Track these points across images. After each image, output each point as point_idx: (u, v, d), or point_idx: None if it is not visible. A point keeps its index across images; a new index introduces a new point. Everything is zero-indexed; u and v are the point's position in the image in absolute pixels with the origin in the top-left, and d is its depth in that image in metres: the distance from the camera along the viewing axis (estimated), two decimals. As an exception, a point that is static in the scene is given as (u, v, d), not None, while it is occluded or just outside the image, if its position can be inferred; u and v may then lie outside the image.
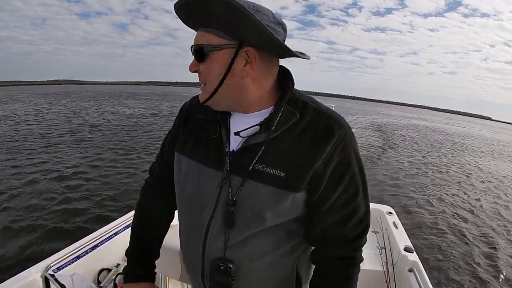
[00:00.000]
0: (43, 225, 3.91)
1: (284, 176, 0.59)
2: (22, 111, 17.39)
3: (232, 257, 0.63)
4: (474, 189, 7.80)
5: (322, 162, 0.59)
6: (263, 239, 0.63)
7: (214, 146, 0.65)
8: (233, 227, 0.62)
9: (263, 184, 0.59)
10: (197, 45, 0.59)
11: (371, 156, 10.33)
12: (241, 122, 0.65)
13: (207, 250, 0.65)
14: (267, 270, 0.67)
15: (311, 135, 0.60)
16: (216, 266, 0.63)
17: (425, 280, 1.37)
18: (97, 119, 14.77)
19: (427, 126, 31.37)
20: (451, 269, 3.75)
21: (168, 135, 0.79)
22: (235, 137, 0.64)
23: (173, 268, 1.20)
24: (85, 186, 5.36)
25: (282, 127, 0.60)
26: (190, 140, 0.69)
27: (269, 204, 0.60)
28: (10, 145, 8.20)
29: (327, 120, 0.61)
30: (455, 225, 5.21)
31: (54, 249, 1.58)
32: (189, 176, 0.67)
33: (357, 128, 18.33)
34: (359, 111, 46.16)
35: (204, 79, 0.62)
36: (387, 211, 2.10)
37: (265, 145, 0.60)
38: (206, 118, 0.68)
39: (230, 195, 0.61)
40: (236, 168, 0.61)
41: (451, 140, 20.24)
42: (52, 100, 26.19)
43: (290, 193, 0.59)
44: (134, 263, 0.79)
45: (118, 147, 8.70)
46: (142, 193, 0.84)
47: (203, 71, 0.61)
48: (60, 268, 1.32)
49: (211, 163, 0.64)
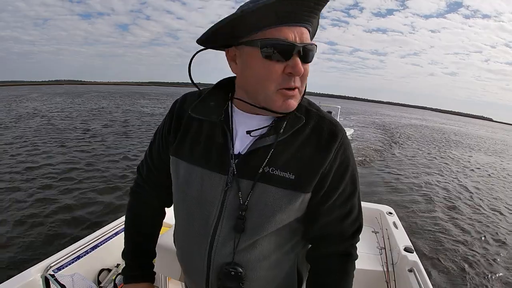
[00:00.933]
0: (43, 225, 3.91)
1: (294, 178, 0.59)
2: (45, 108, 17.97)
3: (240, 261, 0.63)
4: (474, 189, 7.79)
5: (328, 163, 0.60)
6: (270, 239, 0.64)
7: (217, 148, 0.62)
8: (243, 231, 0.61)
9: (275, 187, 0.59)
10: (313, 44, 0.56)
11: (371, 156, 10.33)
12: (247, 123, 0.63)
13: (214, 256, 0.63)
14: (273, 269, 0.67)
15: (316, 139, 0.61)
16: (226, 271, 0.62)
17: (425, 280, 1.36)
18: (123, 116, 15.26)
19: (427, 126, 31.44)
20: (451, 269, 3.75)
21: (157, 134, 0.75)
22: (241, 139, 0.63)
23: (173, 268, 1.20)
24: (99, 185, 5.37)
25: (289, 130, 0.61)
26: (187, 142, 0.66)
27: (281, 206, 0.60)
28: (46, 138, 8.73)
29: (329, 125, 0.63)
30: (455, 225, 5.21)
31: (54, 249, 1.58)
32: (190, 181, 0.64)
33: (361, 126, 18.45)
34: (360, 111, 46.32)
35: (301, 82, 0.58)
36: (387, 211, 2.10)
37: (274, 147, 0.60)
38: (205, 119, 0.64)
39: (241, 199, 0.60)
40: (245, 172, 0.60)
41: (452, 139, 20.26)
42: (66, 99, 26.75)
43: (301, 195, 0.60)
44: (132, 264, 0.78)
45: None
46: (131, 193, 0.82)
47: (306, 73, 0.57)
48: (60, 268, 1.32)
49: (214, 166, 0.62)
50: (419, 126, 30.00)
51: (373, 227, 1.99)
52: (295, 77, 0.55)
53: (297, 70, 0.54)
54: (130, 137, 10.72)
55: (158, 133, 0.75)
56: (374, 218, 2.02)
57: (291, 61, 0.54)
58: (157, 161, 0.75)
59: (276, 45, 0.53)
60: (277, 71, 0.55)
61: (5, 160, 6.76)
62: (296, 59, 0.54)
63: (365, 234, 1.88)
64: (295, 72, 0.54)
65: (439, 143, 17.28)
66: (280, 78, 0.55)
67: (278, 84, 0.56)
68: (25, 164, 6.47)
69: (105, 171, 6.36)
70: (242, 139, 0.63)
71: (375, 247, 1.74)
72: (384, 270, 1.54)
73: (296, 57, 0.54)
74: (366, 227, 2.05)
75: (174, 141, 0.69)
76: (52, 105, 20.72)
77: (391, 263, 1.59)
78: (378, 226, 1.95)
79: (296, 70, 0.54)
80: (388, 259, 1.61)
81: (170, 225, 1.35)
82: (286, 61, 0.54)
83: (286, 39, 0.53)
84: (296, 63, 0.54)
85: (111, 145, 9.12)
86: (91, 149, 8.33)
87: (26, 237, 3.60)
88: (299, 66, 0.54)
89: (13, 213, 4.21)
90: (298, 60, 0.54)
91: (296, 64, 0.54)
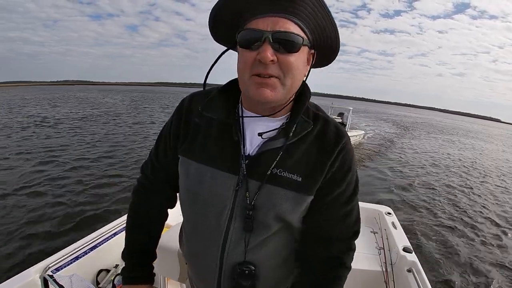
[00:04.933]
0: (43, 225, 3.90)
1: (301, 180, 0.61)
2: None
3: (252, 260, 0.64)
4: (475, 190, 7.81)
5: (330, 164, 0.62)
6: (277, 239, 0.65)
7: (229, 149, 0.63)
8: (252, 231, 0.62)
9: (282, 189, 0.61)
10: (288, 32, 0.54)
11: (370, 155, 10.34)
12: (255, 124, 0.64)
13: (226, 255, 0.64)
14: (281, 268, 0.69)
15: (321, 142, 0.63)
16: (240, 271, 0.63)
17: (424, 281, 1.37)
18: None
19: (432, 125, 31.58)
20: (450, 269, 3.76)
21: (163, 134, 0.74)
22: (251, 140, 0.64)
23: (172, 269, 1.20)
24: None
25: (298, 134, 0.62)
26: (197, 141, 0.66)
27: (288, 207, 0.61)
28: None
29: (333, 128, 0.65)
30: (455, 225, 5.22)
31: (53, 250, 1.58)
32: (202, 181, 0.64)
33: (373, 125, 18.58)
34: (371, 111, 46.52)
35: (282, 73, 0.56)
36: (386, 212, 2.11)
37: (283, 150, 0.61)
38: (216, 118, 0.64)
39: (248, 199, 0.61)
40: (254, 172, 0.61)
41: (454, 139, 20.32)
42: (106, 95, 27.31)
43: (307, 197, 0.62)
44: (132, 265, 0.78)
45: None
46: (134, 193, 0.81)
47: (287, 64, 0.55)
48: (59, 269, 1.32)
49: (226, 167, 0.62)
50: (426, 127, 30.24)
51: (372, 227, 2.00)
52: (268, 64, 0.54)
53: (262, 55, 0.53)
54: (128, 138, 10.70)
55: (165, 132, 0.74)
56: (373, 219, 2.03)
57: (261, 48, 0.54)
58: (162, 161, 0.74)
59: (246, 34, 0.56)
60: (250, 58, 0.55)
61: (4, 160, 6.73)
62: (265, 46, 0.54)
63: (364, 234, 1.90)
64: (260, 57, 0.54)
65: (442, 144, 17.33)
66: (252, 65, 0.56)
67: (251, 70, 0.56)
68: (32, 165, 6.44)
69: (106, 171, 6.35)
70: (252, 140, 0.64)
71: (374, 247, 1.75)
72: (383, 270, 1.55)
73: (266, 44, 0.54)
74: (365, 227, 2.07)
75: (184, 141, 0.68)
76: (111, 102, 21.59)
77: (390, 263, 1.60)
78: (377, 226, 1.96)
79: (262, 55, 0.53)
80: (387, 259, 1.61)
81: (170, 226, 1.35)
82: (258, 49, 0.54)
83: (255, 28, 0.54)
84: (263, 49, 0.53)
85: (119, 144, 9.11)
86: (94, 149, 8.31)
87: (25, 238, 3.58)
88: (265, 52, 0.53)
89: (13, 212, 4.19)
90: (266, 46, 0.53)
91: (262, 50, 0.53)
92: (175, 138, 0.70)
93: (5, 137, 9.44)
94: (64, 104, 24.71)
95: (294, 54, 0.55)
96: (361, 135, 13.53)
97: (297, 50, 0.55)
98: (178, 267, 1.18)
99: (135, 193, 0.80)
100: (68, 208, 4.45)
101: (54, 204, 4.56)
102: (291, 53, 0.55)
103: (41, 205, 4.50)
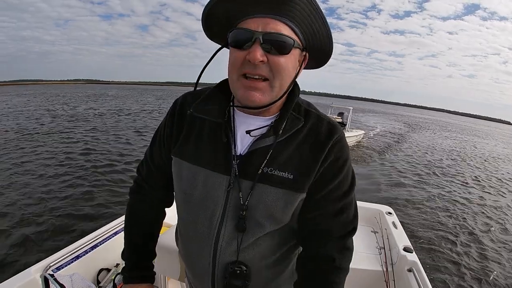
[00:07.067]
0: (44, 225, 3.91)
1: (292, 178, 0.60)
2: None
3: (245, 259, 0.64)
4: (475, 190, 7.80)
5: (323, 160, 0.61)
6: (270, 239, 0.65)
7: (221, 149, 0.63)
8: (245, 231, 0.62)
9: (273, 187, 0.60)
10: (279, 34, 0.54)
11: (371, 155, 10.33)
12: (248, 124, 0.64)
13: (219, 255, 0.64)
14: (274, 268, 0.69)
15: (313, 139, 0.62)
16: (232, 270, 0.63)
17: (425, 280, 1.37)
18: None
19: (440, 125, 31.52)
20: (450, 269, 3.76)
21: (157, 134, 0.75)
22: (242, 139, 0.64)
23: (172, 268, 1.20)
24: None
25: (288, 132, 0.61)
26: (190, 142, 0.66)
27: (280, 206, 0.61)
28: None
29: (326, 125, 0.64)
30: (455, 225, 5.21)
31: (53, 249, 1.58)
32: (194, 182, 0.64)
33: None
34: (379, 111, 46.48)
35: (272, 74, 0.56)
36: (386, 211, 2.11)
37: (273, 148, 0.60)
38: (208, 118, 0.64)
39: (241, 200, 0.61)
40: (245, 172, 0.61)
41: (457, 140, 20.30)
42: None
43: (299, 194, 0.61)
44: (132, 264, 0.78)
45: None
46: (131, 193, 0.81)
47: (278, 66, 0.55)
48: (59, 268, 1.32)
49: (218, 167, 0.62)
50: (432, 128, 30.28)
51: (372, 227, 2.00)
52: (257, 65, 0.54)
53: (251, 55, 0.53)
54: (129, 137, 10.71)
55: (159, 133, 0.74)
56: (373, 218, 2.03)
57: (251, 48, 0.54)
58: (157, 162, 0.75)
59: (237, 34, 0.56)
60: (239, 58, 0.56)
61: (5, 161, 6.75)
62: (255, 46, 0.54)
63: (364, 234, 1.90)
64: (250, 58, 0.54)
65: (443, 145, 17.31)
66: (241, 64, 0.56)
67: (239, 70, 0.56)
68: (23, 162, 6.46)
69: (107, 170, 6.35)
70: (243, 139, 0.64)
71: (374, 247, 1.75)
72: (384, 270, 1.55)
73: (256, 45, 0.54)
74: (365, 227, 2.07)
75: (176, 141, 0.68)
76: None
77: (390, 263, 1.60)
78: (378, 226, 1.96)
79: (251, 55, 0.53)
80: (388, 259, 1.61)
81: (170, 225, 1.35)
82: (248, 49, 0.54)
83: (246, 28, 0.55)
84: (253, 49, 0.53)
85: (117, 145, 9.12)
86: (95, 148, 8.32)
87: (25, 237, 3.59)
88: (254, 52, 0.53)
89: (13, 212, 4.20)
90: (256, 47, 0.53)
91: (252, 50, 0.53)
92: (168, 139, 0.70)
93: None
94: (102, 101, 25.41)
95: (285, 55, 0.55)
96: (361, 135, 13.51)
97: (287, 52, 0.55)
98: (179, 266, 1.19)
99: (131, 193, 0.81)
100: (69, 207, 4.45)
101: (55, 203, 4.57)
102: (282, 54, 0.55)
103: (42, 204, 4.51)
